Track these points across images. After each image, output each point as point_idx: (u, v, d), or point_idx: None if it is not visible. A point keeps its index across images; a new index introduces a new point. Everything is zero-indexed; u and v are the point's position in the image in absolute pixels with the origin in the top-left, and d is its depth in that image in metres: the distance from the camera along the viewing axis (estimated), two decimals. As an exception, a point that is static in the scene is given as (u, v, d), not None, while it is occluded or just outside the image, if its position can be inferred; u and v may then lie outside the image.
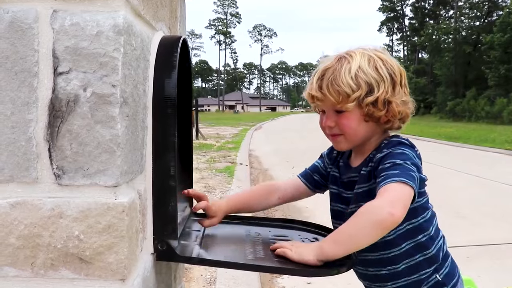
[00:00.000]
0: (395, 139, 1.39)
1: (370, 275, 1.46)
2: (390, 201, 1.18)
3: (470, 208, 6.31)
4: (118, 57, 0.94)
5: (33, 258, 0.95)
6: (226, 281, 3.53)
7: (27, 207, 0.94)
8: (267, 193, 1.65)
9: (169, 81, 1.19)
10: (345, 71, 1.33)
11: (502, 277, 3.70)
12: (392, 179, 1.22)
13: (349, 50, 1.41)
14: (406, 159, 1.28)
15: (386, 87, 1.34)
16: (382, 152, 1.34)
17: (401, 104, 1.37)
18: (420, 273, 1.40)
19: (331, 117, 1.40)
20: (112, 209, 0.94)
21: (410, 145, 1.37)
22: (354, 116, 1.36)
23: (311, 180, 1.62)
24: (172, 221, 1.20)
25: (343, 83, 1.32)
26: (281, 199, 1.64)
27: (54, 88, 0.94)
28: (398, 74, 1.37)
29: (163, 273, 1.35)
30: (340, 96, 1.33)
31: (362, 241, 1.21)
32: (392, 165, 1.26)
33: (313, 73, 1.42)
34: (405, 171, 1.24)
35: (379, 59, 1.36)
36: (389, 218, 1.16)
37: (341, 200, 1.49)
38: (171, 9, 1.54)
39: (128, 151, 0.99)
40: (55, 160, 0.95)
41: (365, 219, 1.19)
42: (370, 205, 1.20)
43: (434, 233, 1.43)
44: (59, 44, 0.94)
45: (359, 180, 1.40)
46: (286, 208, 6.25)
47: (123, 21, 0.94)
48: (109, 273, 0.95)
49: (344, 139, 1.41)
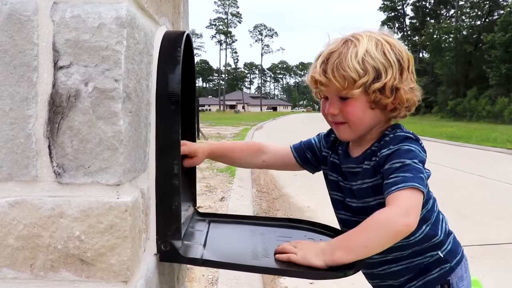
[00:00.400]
0: (401, 133, 1.32)
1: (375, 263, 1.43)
2: (405, 212, 1.17)
3: (473, 207, 6.28)
4: (121, 50, 0.90)
5: (33, 259, 0.92)
6: (228, 282, 3.51)
7: (26, 207, 0.91)
8: (253, 151, 1.61)
9: (172, 76, 1.16)
10: (352, 55, 1.27)
11: (506, 277, 3.67)
12: (403, 185, 1.19)
13: (355, 33, 1.34)
14: (414, 157, 1.24)
15: (394, 73, 1.28)
16: (388, 148, 1.29)
17: (409, 91, 1.31)
18: (425, 256, 1.39)
19: (334, 104, 1.33)
20: (115, 209, 0.90)
21: (415, 139, 1.32)
22: (359, 103, 1.30)
23: (302, 156, 1.58)
24: (175, 221, 1.17)
25: (350, 67, 1.26)
26: (266, 162, 1.61)
27: (54, 82, 0.90)
28: (406, 59, 1.32)
29: (166, 274, 1.32)
30: (346, 82, 1.26)
31: (376, 251, 1.21)
32: (401, 166, 1.23)
33: (317, 56, 1.35)
34: (415, 174, 1.21)
35: (387, 43, 1.30)
36: (405, 229, 1.16)
37: (340, 189, 1.44)
38: (174, 4, 1.50)
39: (131, 148, 0.96)
40: (55, 158, 0.91)
41: (381, 232, 1.18)
42: (385, 216, 1.18)
43: (435, 218, 1.41)
44: (60, 37, 0.90)
45: (363, 174, 1.36)
46: (287, 208, 6.22)
47: (126, 13, 0.90)
48: (111, 275, 0.92)
49: (348, 128, 1.35)
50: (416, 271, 1.40)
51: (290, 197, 6.95)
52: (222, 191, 6.89)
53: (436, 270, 1.39)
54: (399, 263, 1.40)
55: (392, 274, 1.42)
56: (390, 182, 1.22)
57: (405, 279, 1.41)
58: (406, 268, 1.40)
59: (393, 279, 1.43)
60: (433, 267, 1.39)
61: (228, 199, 6.25)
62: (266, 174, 9.37)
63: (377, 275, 1.45)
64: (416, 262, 1.39)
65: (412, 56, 1.37)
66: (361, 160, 1.37)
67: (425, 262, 1.39)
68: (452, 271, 1.40)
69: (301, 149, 1.58)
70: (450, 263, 1.40)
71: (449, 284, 1.39)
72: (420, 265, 1.40)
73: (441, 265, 1.39)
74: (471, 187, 7.87)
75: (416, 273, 1.40)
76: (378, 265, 1.42)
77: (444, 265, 1.39)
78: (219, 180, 7.81)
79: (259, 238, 1.50)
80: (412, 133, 1.34)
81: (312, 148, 1.56)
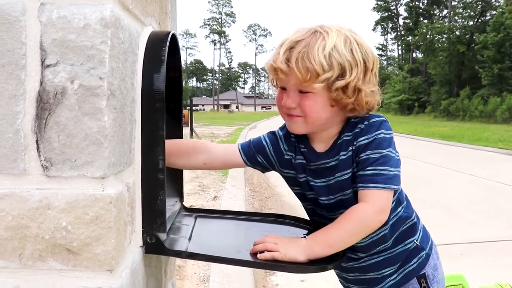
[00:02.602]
0: (375, 119, 1.30)
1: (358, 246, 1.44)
2: (380, 210, 1.25)
3: (464, 206, 6.34)
4: (105, 49, 0.94)
5: (21, 249, 0.96)
6: (220, 279, 3.54)
7: (15, 199, 0.95)
8: (191, 152, 1.49)
9: (157, 75, 1.20)
10: (319, 47, 1.21)
11: (495, 274, 3.72)
12: (382, 186, 1.25)
13: (324, 25, 1.28)
14: (391, 146, 1.28)
15: (358, 73, 1.24)
16: (366, 137, 1.28)
17: (370, 94, 1.28)
18: (405, 242, 1.43)
19: (293, 97, 1.27)
20: (100, 200, 0.95)
21: (386, 119, 1.32)
22: (319, 99, 1.26)
23: (252, 158, 1.49)
24: (160, 214, 1.21)
25: (315, 60, 1.20)
26: (207, 164, 1.49)
27: (41, 80, 0.94)
28: (371, 60, 1.28)
29: (153, 266, 1.36)
30: (309, 74, 1.21)
31: (352, 243, 1.28)
32: (379, 158, 1.26)
33: (281, 42, 1.28)
34: (394, 170, 1.26)
35: (355, 41, 1.26)
36: (378, 224, 1.26)
37: (311, 188, 1.41)
38: (160, 5, 1.54)
39: (116, 143, 1.00)
40: (43, 152, 0.95)
41: (359, 229, 1.25)
42: (362, 214, 1.25)
43: (406, 200, 1.46)
44: (47, 37, 0.94)
45: (341, 166, 1.33)
46: (280, 207, 6.26)
47: (110, 14, 0.95)
48: (96, 264, 0.96)
49: (304, 122, 1.30)
50: (397, 263, 1.42)
51: (283, 196, 6.98)
52: (215, 190, 6.92)
53: (414, 260, 1.43)
54: (381, 254, 1.43)
55: (374, 266, 1.44)
56: (368, 175, 1.26)
57: (387, 272, 1.43)
58: (388, 258, 1.43)
59: (375, 271, 1.45)
60: (412, 257, 1.43)
61: (220, 198, 6.28)
62: (259, 173, 9.38)
63: (358, 268, 1.47)
64: (397, 252, 1.42)
65: (377, 58, 1.33)
66: (336, 152, 1.34)
67: (405, 253, 1.42)
68: (428, 259, 1.44)
69: (251, 151, 1.49)
70: (425, 250, 1.45)
71: (425, 277, 1.42)
72: (401, 255, 1.42)
73: (418, 253, 1.43)
74: (462, 186, 7.94)
75: (397, 266, 1.43)
76: (361, 257, 1.45)
77: (421, 253, 1.44)
78: (212, 180, 7.83)
79: (244, 232, 1.54)
80: (381, 115, 1.32)
81: (264, 152, 1.48)
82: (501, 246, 4.60)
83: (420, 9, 61.60)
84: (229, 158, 1.50)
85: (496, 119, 30.55)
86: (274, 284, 3.71)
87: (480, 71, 35.98)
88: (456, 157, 12.36)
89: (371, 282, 1.47)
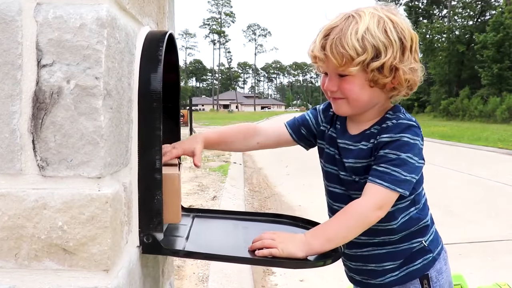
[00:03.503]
0: (404, 121, 1.31)
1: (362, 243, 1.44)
2: (378, 207, 1.26)
3: (463, 206, 6.35)
4: (101, 49, 0.94)
5: (17, 249, 0.96)
6: (219, 279, 3.54)
7: (11, 199, 0.95)
8: (246, 135, 1.59)
9: (154, 75, 1.20)
10: (352, 32, 1.24)
11: (494, 274, 3.73)
12: (387, 185, 1.25)
13: (359, 9, 1.30)
14: (410, 151, 1.27)
15: (394, 53, 1.25)
16: (389, 135, 1.29)
17: (409, 72, 1.29)
18: (412, 241, 1.42)
19: (333, 80, 1.32)
20: (96, 200, 0.95)
21: (417, 126, 1.32)
22: (357, 81, 1.29)
23: (297, 132, 1.57)
24: (157, 214, 1.21)
25: (348, 45, 1.23)
26: (261, 144, 1.59)
27: (37, 80, 0.94)
28: (408, 38, 1.28)
29: (150, 266, 1.36)
30: (344, 59, 1.24)
31: (351, 238, 1.29)
32: (395, 159, 1.26)
33: (319, 30, 1.33)
34: (405, 175, 1.26)
35: (390, 21, 1.27)
36: (376, 219, 1.27)
37: (335, 163, 1.45)
38: (158, 5, 1.54)
39: (112, 143, 1.00)
40: (39, 152, 0.95)
41: (357, 224, 1.27)
42: (360, 210, 1.26)
43: (423, 204, 1.44)
44: (43, 37, 0.94)
45: (357, 154, 1.37)
46: (279, 207, 6.26)
47: (106, 14, 0.95)
48: (92, 264, 0.96)
49: (347, 103, 1.34)
50: (400, 259, 1.41)
51: (282, 196, 7.00)
52: (214, 190, 6.92)
53: (419, 261, 1.41)
54: (385, 247, 1.42)
55: (376, 257, 1.43)
56: (379, 171, 1.27)
57: (388, 266, 1.42)
58: (391, 253, 1.41)
59: (376, 263, 1.44)
60: (417, 257, 1.41)
61: (220, 198, 6.29)
62: (258, 173, 9.41)
63: (361, 256, 1.46)
64: (402, 248, 1.41)
65: (416, 35, 1.33)
66: (358, 140, 1.37)
67: (410, 251, 1.41)
68: (434, 262, 1.42)
69: (296, 126, 1.57)
70: (433, 253, 1.43)
71: (428, 278, 1.41)
72: (405, 252, 1.41)
73: (424, 255, 1.42)
74: (462, 186, 7.95)
75: (400, 262, 1.41)
76: (364, 246, 1.44)
77: (427, 255, 1.42)
78: (211, 180, 7.84)
79: (242, 232, 1.54)
80: (415, 120, 1.33)
81: (307, 124, 1.55)
82: (501, 246, 4.60)
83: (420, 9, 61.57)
84: (279, 136, 1.59)
85: (496, 118, 30.57)
86: (273, 284, 3.72)
87: (479, 71, 35.99)
88: (455, 156, 12.37)
89: (372, 274, 1.46)
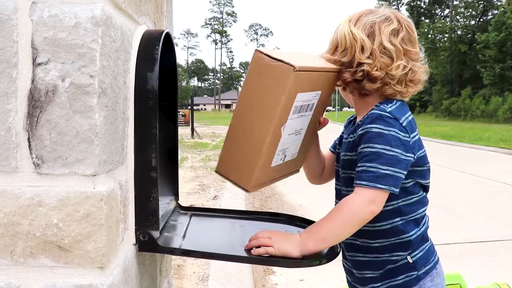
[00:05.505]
0: (375, 111, 1.28)
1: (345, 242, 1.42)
2: (370, 201, 1.23)
3: (464, 206, 6.34)
4: (96, 48, 0.95)
5: (13, 246, 0.96)
6: (219, 278, 3.54)
7: (7, 196, 0.95)
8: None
9: (150, 74, 1.20)
10: None
11: (494, 273, 3.73)
12: (367, 184, 1.23)
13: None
14: (385, 143, 1.23)
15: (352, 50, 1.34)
16: (362, 128, 1.28)
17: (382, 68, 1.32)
18: (392, 254, 1.35)
19: None
20: (91, 198, 0.95)
21: (393, 117, 1.26)
22: None
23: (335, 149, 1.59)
24: (153, 212, 1.21)
25: None
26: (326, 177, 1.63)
27: (33, 78, 0.95)
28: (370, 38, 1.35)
29: (147, 264, 1.36)
30: None
31: (346, 236, 1.28)
32: (369, 154, 1.24)
33: None
34: (385, 169, 1.22)
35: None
36: (369, 215, 1.24)
37: (338, 159, 1.47)
38: (156, 4, 1.55)
39: (107, 141, 1.00)
40: (34, 150, 0.96)
41: (350, 221, 1.24)
42: (352, 206, 1.24)
43: (414, 218, 1.35)
44: (38, 35, 0.95)
45: (347, 146, 1.39)
46: (280, 206, 6.27)
47: (101, 13, 0.95)
48: (87, 261, 0.96)
49: None
50: (381, 271, 1.37)
51: (283, 195, 7.00)
52: (215, 189, 6.93)
53: (401, 277, 1.35)
54: (365, 254, 1.38)
55: (357, 264, 1.41)
56: (358, 171, 1.25)
57: (368, 274, 1.39)
58: (371, 262, 1.37)
59: (357, 269, 1.42)
60: (399, 273, 1.35)
61: (221, 198, 6.29)
62: (259, 173, 9.38)
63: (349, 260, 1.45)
64: (381, 259, 1.36)
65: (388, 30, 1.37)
66: (351, 131, 1.38)
67: (391, 264, 1.35)
68: (417, 281, 1.34)
69: (334, 146, 1.59)
70: (418, 271, 1.35)
71: None
72: (384, 264, 1.36)
73: (407, 271, 1.35)
74: (463, 185, 7.94)
75: (381, 274, 1.37)
76: (349, 249, 1.43)
77: (411, 272, 1.35)
78: (212, 179, 7.84)
79: (239, 230, 1.54)
80: (390, 111, 1.27)
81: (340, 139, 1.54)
82: (501, 245, 4.60)
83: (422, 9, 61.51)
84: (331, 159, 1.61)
85: (498, 118, 30.53)
86: (273, 283, 3.72)
87: (481, 70, 35.95)
88: (457, 156, 12.36)
89: (358, 280, 1.44)
